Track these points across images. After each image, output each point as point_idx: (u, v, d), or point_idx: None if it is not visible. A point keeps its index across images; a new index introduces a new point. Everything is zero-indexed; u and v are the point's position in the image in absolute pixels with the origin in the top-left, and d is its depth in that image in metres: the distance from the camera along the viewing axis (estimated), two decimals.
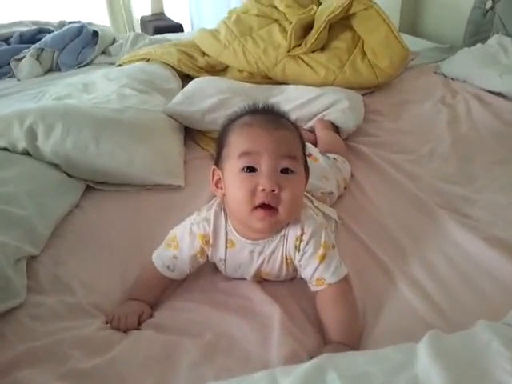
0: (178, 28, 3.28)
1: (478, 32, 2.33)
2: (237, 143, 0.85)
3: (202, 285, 0.98)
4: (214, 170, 0.91)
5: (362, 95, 1.82)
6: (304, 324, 0.88)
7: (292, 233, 0.89)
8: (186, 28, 3.52)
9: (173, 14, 3.71)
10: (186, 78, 1.92)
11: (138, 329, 0.87)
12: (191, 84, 1.70)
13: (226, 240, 0.91)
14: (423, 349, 0.58)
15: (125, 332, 0.86)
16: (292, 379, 0.56)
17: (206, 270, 1.00)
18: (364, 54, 1.90)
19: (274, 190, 0.81)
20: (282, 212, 0.83)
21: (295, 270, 0.94)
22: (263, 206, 0.82)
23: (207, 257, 0.94)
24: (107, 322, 0.88)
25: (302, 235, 0.88)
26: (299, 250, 0.88)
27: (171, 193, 1.32)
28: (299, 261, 0.89)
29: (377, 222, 1.16)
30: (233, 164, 0.85)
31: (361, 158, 1.46)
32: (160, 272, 0.94)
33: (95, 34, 2.49)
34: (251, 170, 0.83)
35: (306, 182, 0.92)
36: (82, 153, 1.27)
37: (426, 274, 0.99)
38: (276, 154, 0.82)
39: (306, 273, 0.90)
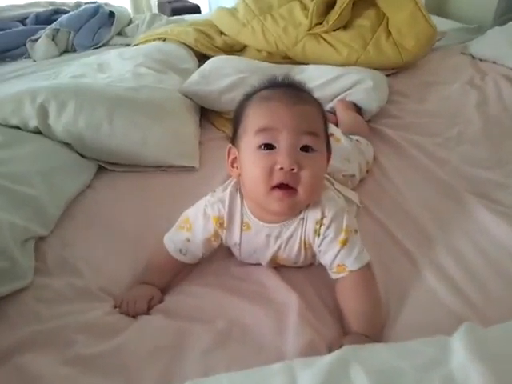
0: (196, 9, 3.22)
1: (510, 10, 2.21)
2: (254, 119, 0.79)
3: (215, 269, 0.93)
4: (229, 148, 0.86)
5: (386, 76, 1.74)
6: (323, 313, 0.83)
7: (312, 216, 0.83)
8: (204, 9, 3.45)
9: None
10: (202, 58, 1.85)
11: (148, 314, 0.84)
12: (208, 63, 1.64)
13: (242, 223, 0.86)
14: (458, 342, 0.52)
15: (134, 317, 0.82)
16: (312, 373, 0.51)
17: (219, 254, 0.95)
18: (389, 32, 1.81)
19: (293, 169, 0.75)
20: (302, 193, 0.77)
21: (314, 255, 0.88)
22: (281, 186, 0.76)
23: (221, 240, 0.89)
24: (116, 307, 0.85)
25: (322, 219, 0.82)
26: (319, 235, 0.83)
27: (185, 174, 1.27)
28: (319, 246, 0.84)
29: (401, 207, 1.10)
30: (249, 141, 0.79)
31: (384, 140, 1.38)
32: (172, 255, 0.90)
33: (111, 14, 2.45)
34: (269, 147, 0.77)
35: (328, 161, 0.86)
36: (95, 132, 1.22)
37: (453, 262, 0.93)
38: (296, 130, 0.76)
39: (325, 258, 0.84)
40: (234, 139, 0.85)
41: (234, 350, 0.75)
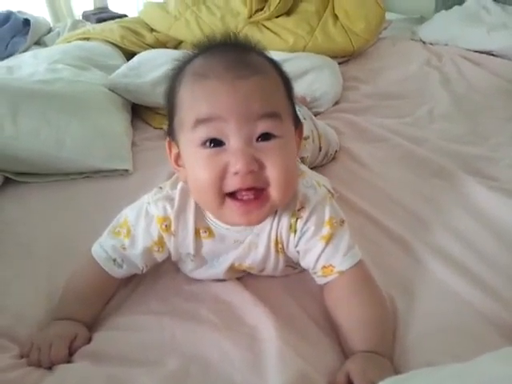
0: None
1: None
2: (188, 106, 0.58)
3: (160, 290, 0.70)
4: (169, 142, 0.64)
5: None
6: (311, 332, 0.63)
7: (286, 207, 0.63)
8: None
9: (118, 9, 3.39)
10: (132, 58, 1.62)
11: (69, 361, 0.60)
12: (136, 57, 1.43)
13: (195, 228, 0.64)
14: None
15: (49, 368, 0.59)
16: None
17: (164, 268, 0.72)
18: (336, 16, 1.68)
19: (252, 171, 0.54)
20: (275, 194, 0.57)
21: (288, 262, 0.68)
22: (240, 193, 0.56)
23: (168, 253, 0.67)
24: (23, 356, 0.61)
25: (299, 210, 0.63)
26: (295, 231, 0.63)
27: (116, 180, 1.02)
28: (296, 246, 0.64)
29: (382, 192, 0.93)
30: (188, 137, 0.58)
31: (348, 125, 1.21)
32: (103, 269, 0.67)
33: (26, 22, 2.17)
34: (216, 143, 0.56)
35: (300, 142, 0.66)
36: None
37: (457, 244, 0.78)
38: (247, 116, 0.55)
39: (307, 260, 0.64)
40: (170, 131, 0.63)
41: None
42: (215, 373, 0.56)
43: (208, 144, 0.56)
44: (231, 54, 0.59)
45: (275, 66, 0.62)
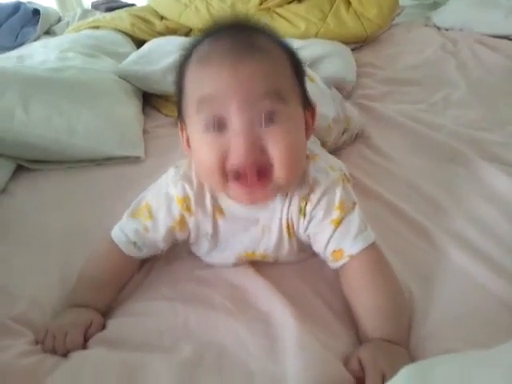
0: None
1: None
2: (193, 87, 0.58)
3: (173, 274, 0.70)
4: (181, 125, 0.64)
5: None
6: (326, 318, 0.61)
7: (297, 190, 0.62)
8: None
9: None
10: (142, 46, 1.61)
11: (84, 348, 0.59)
12: (147, 44, 1.42)
13: (213, 207, 0.65)
14: None
15: (64, 355, 0.58)
16: None
17: (175, 253, 0.72)
18: (348, 2, 1.64)
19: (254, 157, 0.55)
20: (280, 171, 0.56)
21: (301, 247, 0.67)
22: (244, 173, 0.56)
23: (188, 232, 0.67)
24: (38, 342, 0.61)
25: (309, 194, 0.62)
26: (304, 215, 0.62)
27: (128, 167, 1.02)
28: (305, 230, 0.63)
29: (399, 177, 0.92)
30: (193, 119, 0.58)
31: (365, 110, 1.20)
32: (120, 254, 0.67)
33: (36, 12, 2.17)
34: (220, 126, 0.55)
35: (312, 123, 0.64)
36: (7, 122, 0.96)
37: (477, 231, 0.75)
38: (249, 97, 0.54)
39: (317, 244, 0.64)
40: (180, 114, 0.64)
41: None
42: (230, 359, 0.55)
43: (211, 128, 0.55)
44: (236, 35, 0.58)
45: (283, 46, 0.60)
